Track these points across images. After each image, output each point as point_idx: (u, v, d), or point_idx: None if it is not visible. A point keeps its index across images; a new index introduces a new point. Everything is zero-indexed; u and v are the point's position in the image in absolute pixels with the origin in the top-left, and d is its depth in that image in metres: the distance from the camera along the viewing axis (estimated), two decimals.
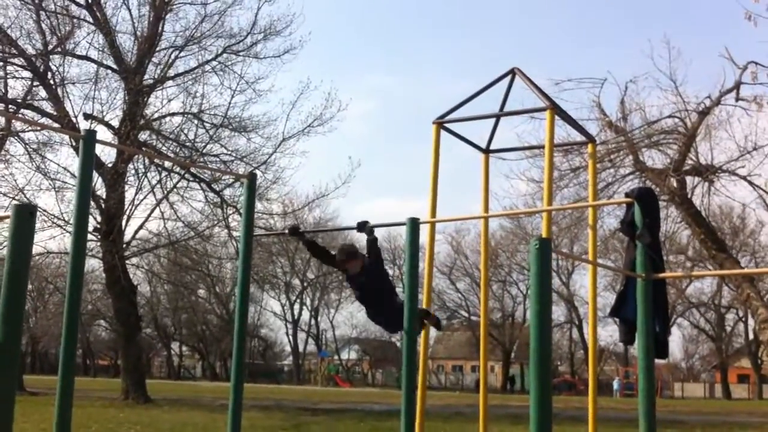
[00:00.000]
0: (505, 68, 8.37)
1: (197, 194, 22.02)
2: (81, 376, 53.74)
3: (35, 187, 20.77)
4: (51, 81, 21.42)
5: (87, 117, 20.99)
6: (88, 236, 19.14)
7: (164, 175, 21.51)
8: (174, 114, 22.17)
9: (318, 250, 6.95)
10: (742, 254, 37.94)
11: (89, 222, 14.00)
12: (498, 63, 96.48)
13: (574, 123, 8.78)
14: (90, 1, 21.58)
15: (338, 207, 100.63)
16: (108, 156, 22.01)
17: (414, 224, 6.30)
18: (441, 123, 8.19)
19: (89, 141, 5.42)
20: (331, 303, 65.15)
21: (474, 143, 8.93)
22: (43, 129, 21.19)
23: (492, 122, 8.92)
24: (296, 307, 64.40)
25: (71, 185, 20.04)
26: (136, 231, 22.66)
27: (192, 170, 21.22)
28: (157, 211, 21.43)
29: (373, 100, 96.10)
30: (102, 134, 20.19)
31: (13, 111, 20.82)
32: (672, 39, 26.48)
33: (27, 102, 21.49)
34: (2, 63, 21.55)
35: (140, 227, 22.41)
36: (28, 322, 49.92)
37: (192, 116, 21.65)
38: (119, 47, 21.70)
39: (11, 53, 21.14)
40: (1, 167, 20.87)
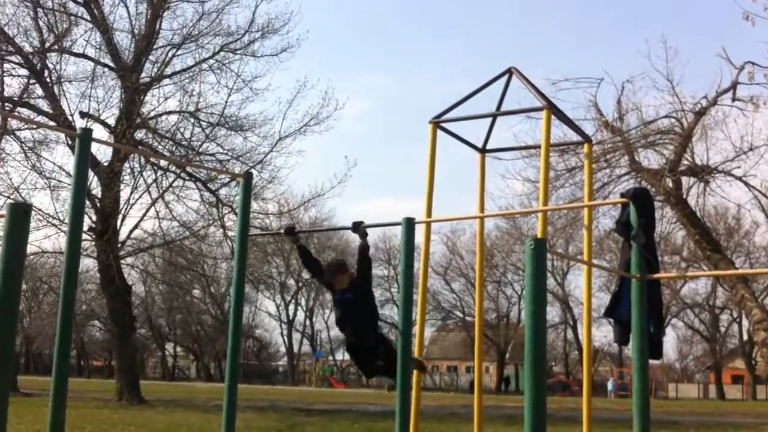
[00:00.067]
0: (502, 68, 8.36)
1: (193, 193, 22.03)
2: (75, 377, 53.62)
3: (30, 186, 20.80)
4: (47, 79, 21.39)
5: (83, 115, 20.96)
6: (83, 236, 19.21)
7: (160, 174, 21.49)
8: (170, 112, 22.15)
9: (309, 259, 7.00)
10: (737, 255, 38.05)
11: (84, 221, 13.98)
12: (495, 62, 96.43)
13: (571, 123, 8.77)
14: None
15: (334, 207, 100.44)
16: (104, 155, 22.01)
17: (409, 224, 6.29)
18: (437, 122, 8.18)
19: (85, 139, 5.40)
20: (326, 303, 65.07)
21: (470, 143, 8.92)
22: (39, 127, 21.17)
23: (488, 122, 8.91)
24: (291, 308, 64.44)
25: (66, 184, 20.01)
26: (131, 230, 22.66)
27: (188, 169, 21.20)
28: (153, 211, 21.44)
29: (370, 100, 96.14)
30: (98, 133, 20.07)
31: (9, 109, 20.79)
32: (669, 39, 26.49)
33: (23, 100, 21.45)
34: None
35: (135, 227, 22.41)
36: (23, 323, 49.82)
37: (188, 115, 21.63)
38: (116, 45, 21.68)
39: (8, 51, 21.11)
40: None
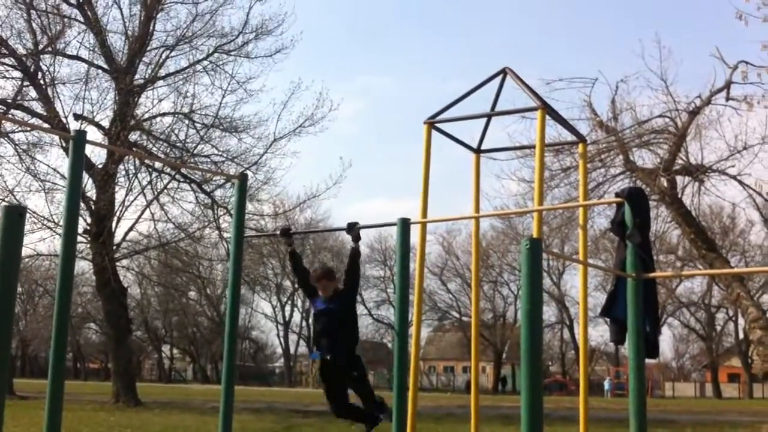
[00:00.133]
0: (497, 68, 8.36)
1: (188, 195, 21.98)
2: (71, 380, 53.53)
3: (25, 189, 20.73)
4: (41, 81, 21.33)
5: (77, 117, 20.91)
6: (78, 238, 19.15)
7: (155, 176, 21.44)
8: (165, 114, 22.12)
9: (299, 266, 7.08)
10: (732, 254, 38.11)
11: (79, 224, 13.95)
12: (489, 63, 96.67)
13: (565, 123, 8.78)
14: (81, 1, 21.50)
15: (329, 208, 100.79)
16: (98, 157, 21.95)
17: (405, 225, 6.30)
18: (432, 123, 8.18)
19: (79, 142, 5.40)
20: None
21: (465, 143, 8.92)
22: (33, 129, 21.09)
23: (483, 122, 8.92)
24: (287, 309, 64.34)
25: (61, 186, 19.96)
26: (127, 233, 22.61)
27: (183, 171, 21.16)
28: (148, 213, 21.38)
29: (364, 100, 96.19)
30: (92, 135, 20.11)
31: (3, 111, 20.72)
32: (663, 38, 26.55)
33: (17, 102, 21.39)
34: None
35: (130, 229, 22.35)
36: (18, 325, 49.57)
37: (183, 116, 21.59)
38: (110, 47, 21.64)
39: (1, 53, 21.04)
40: None
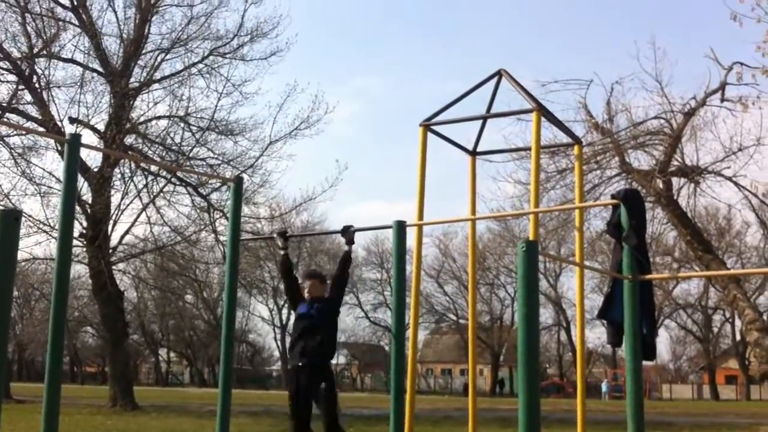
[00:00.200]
0: (492, 69, 8.37)
1: (184, 198, 21.94)
2: (68, 384, 53.41)
3: (20, 192, 20.69)
4: (36, 84, 21.30)
5: (72, 121, 20.88)
6: (74, 242, 19.12)
7: (150, 180, 21.40)
8: (160, 117, 22.08)
9: (289, 270, 7.11)
10: (729, 255, 38.15)
11: (75, 227, 13.91)
12: (484, 64, 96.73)
13: (561, 125, 8.79)
14: (75, 4, 21.48)
15: (326, 210, 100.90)
16: (94, 160, 21.91)
17: (401, 227, 6.29)
18: (428, 125, 8.18)
19: (74, 145, 5.39)
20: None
21: (461, 145, 8.93)
22: (28, 133, 21.11)
23: (478, 124, 8.92)
24: (284, 312, 64.20)
25: (56, 190, 19.93)
26: (123, 236, 22.56)
27: (178, 174, 21.14)
28: (144, 216, 21.32)
29: (360, 103, 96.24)
30: (88, 138, 20.10)
31: None
32: (657, 40, 26.59)
33: (12, 106, 21.36)
34: None
35: (126, 232, 22.31)
36: (14, 329, 49.56)
37: (178, 119, 21.56)
38: (105, 50, 21.60)
39: None
40: None
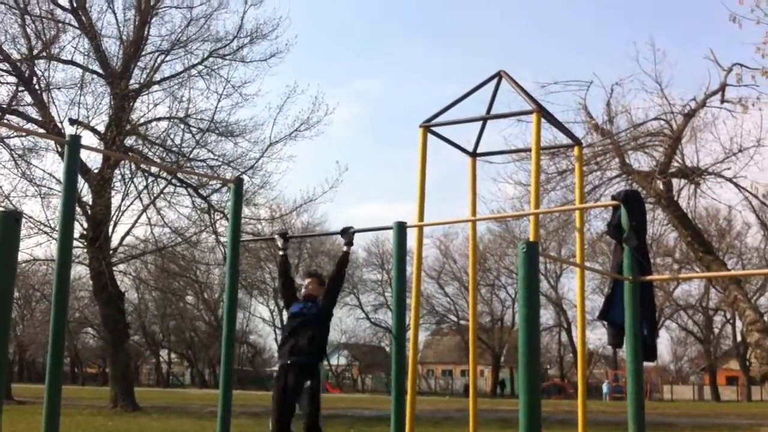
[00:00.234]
0: (492, 71, 8.37)
1: (184, 200, 21.97)
2: (69, 385, 53.42)
3: (21, 194, 20.72)
4: (36, 86, 21.30)
5: (72, 122, 20.88)
6: (75, 243, 19.11)
7: (151, 181, 21.42)
8: (160, 119, 22.09)
9: (287, 271, 7.25)
10: (729, 256, 38.15)
11: (75, 228, 13.90)
12: (485, 65, 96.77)
13: (561, 126, 8.79)
14: (75, 5, 21.49)
15: (326, 211, 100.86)
16: (94, 162, 21.94)
17: (401, 228, 6.29)
18: (428, 126, 8.18)
19: (74, 146, 5.39)
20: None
21: (461, 147, 8.92)
22: (29, 135, 21.10)
23: (479, 125, 8.92)
24: (285, 313, 64.15)
25: (57, 191, 19.93)
26: (123, 237, 22.60)
27: (179, 175, 21.15)
28: (144, 217, 21.35)
29: (360, 104, 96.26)
30: (88, 140, 20.10)
31: None
32: (657, 41, 26.66)
33: (12, 107, 21.36)
34: None
35: (127, 233, 22.33)
36: (15, 331, 49.57)
37: (178, 121, 21.58)
38: (105, 51, 21.61)
39: None
40: None
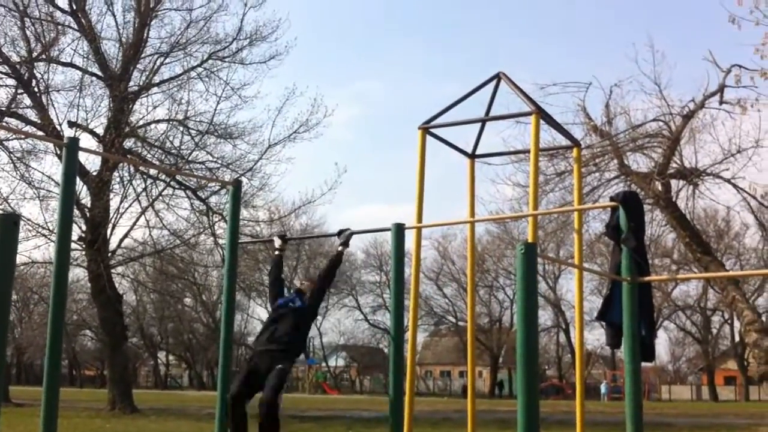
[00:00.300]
0: (491, 72, 8.37)
1: (183, 202, 21.96)
2: (67, 387, 53.31)
3: (19, 196, 20.69)
4: (35, 88, 21.29)
5: (71, 125, 20.88)
6: (73, 245, 19.12)
7: (149, 183, 21.42)
8: (159, 121, 22.08)
9: (279, 272, 7.27)
10: (727, 257, 38.20)
11: (74, 231, 13.90)
12: (483, 67, 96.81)
13: (560, 127, 8.80)
14: (74, 8, 21.48)
15: (325, 213, 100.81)
16: (93, 164, 21.93)
17: (399, 230, 6.30)
18: (426, 128, 8.18)
19: (72, 149, 5.39)
20: (319, 310, 64.76)
21: (460, 148, 8.93)
22: (27, 137, 21.06)
23: (477, 127, 8.93)
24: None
25: (55, 194, 19.92)
26: (122, 239, 22.56)
27: (177, 178, 21.15)
28: (143, 220, 21.34)
29: (359, 106, 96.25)
30: (86, 142, 20.08)
31: None
32: (656, 42, 26.68)
33: (11, 110, 21.35)
34: None
35: (125, 236, 22.31)
36: (13, 333, 49.54)
37: (177, 123, 21.57)
38: (104, 54, 21.62)
39: None
40: None
